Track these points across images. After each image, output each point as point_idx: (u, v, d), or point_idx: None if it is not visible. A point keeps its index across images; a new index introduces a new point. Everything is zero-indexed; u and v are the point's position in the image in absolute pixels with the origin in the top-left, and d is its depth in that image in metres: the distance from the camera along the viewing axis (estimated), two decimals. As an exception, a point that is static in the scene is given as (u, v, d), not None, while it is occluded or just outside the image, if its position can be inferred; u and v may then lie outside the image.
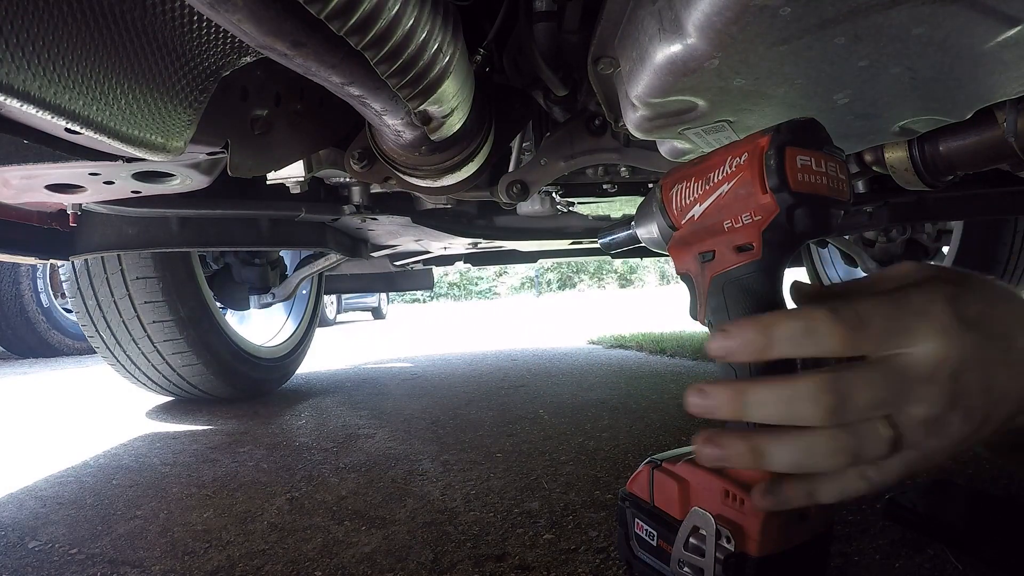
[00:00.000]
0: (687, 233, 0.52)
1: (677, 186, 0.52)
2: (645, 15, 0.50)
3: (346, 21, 0.43)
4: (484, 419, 1.68)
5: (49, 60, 0.45)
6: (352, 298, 8.99)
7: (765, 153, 0.44)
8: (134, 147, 0.57)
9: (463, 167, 0.88)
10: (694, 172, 0.50)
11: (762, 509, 0.44)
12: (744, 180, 0.46)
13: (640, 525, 0.53)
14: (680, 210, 0.52)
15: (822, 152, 0.45)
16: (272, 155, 0.81)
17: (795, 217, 0.44)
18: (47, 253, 1.22)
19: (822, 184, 0.44)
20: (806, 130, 0.45)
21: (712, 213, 0.49)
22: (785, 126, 0.45)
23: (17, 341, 4.34)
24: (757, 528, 0.43)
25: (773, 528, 0.44)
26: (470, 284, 28.84)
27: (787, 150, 0.43)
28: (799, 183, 0.43)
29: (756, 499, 0.44)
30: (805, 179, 0.43)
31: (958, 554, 0.72)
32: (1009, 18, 0.42)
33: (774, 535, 0.44)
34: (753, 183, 0.45)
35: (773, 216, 0.44)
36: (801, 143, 0.44)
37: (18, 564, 0.89)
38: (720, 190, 0.47)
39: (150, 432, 1.73)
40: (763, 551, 0.44)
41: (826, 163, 0.44)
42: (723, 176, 0.47)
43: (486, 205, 1.54)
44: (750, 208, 0.46)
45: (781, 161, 0.43)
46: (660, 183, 0.55)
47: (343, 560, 0.85)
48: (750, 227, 0.46)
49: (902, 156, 0.85)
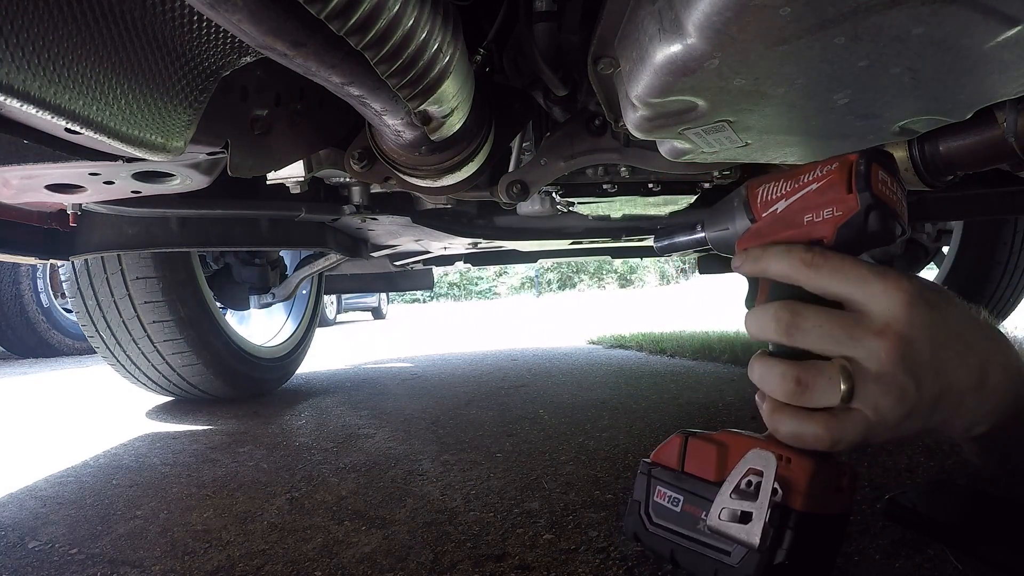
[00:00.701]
0: (765, 225, 0.56)
1: (765, 185, 0.57)
2: (645, 15, 0.50)
3: (346, 21, 0.43)
4: (484, 419, 1.68)
5: (49, 60, 0.45)
6: (352, 298, 8.99)
7: (856, 162, 0.51)
8: (134, 147, 0.57)
9: (463, 167, 0.88)
10: (784, 175, 0.56)
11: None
12: (833, 181, 0.52)
13: (662, 493, 0.55)
14: (764, 204, 0.56)
15: (895, 178, 0.53)
16: (272, 155, 0.81)
17: (870, 217, 0.50)
18: (47, 253, 1.22)
19: (894, 199, 0.51)
20: (886, 157, 0.53)
21: (796, 208, 0.54)
22: (871, 150, 0.53)
23: (17, 341, 4.34)
24: (805, 482, 0.47)
25: (818, 487, 0.48)
26: (470, 284, 28.83)
27: (873, 164, 0.50)
28: (879, 190, 0.50)
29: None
30: (883, 190, 0.50)
31: (958, 554, 0.72)
32: (1009, 18, 0.42)
33: (818, 494, 0.48)
34: (840, 184, 0.51)
35: (852, 213, 0.50)
36: (882, 164, 0.51)
37: (18, 564, 0.89)
38: (808, 188, 0.53)
39: (150, 432, 1.73)
40: (807, 507, 0.47)
41: (897, 187, 0.52)
42: (813, 177, 0.53)
43: (486, 205, 1.54)
44: (833, 204, 0.51)
45: (868, 169, 0.50)
46: (746, 184, 0.59)
47: (343, 560, 0.85)
48: (828, 222, 0.51)
49: (902, 156, 0.85)
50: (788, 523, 0.47)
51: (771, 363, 0.51)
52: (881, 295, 0.48)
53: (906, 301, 0.47)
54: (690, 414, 1.62)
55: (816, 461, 0.49)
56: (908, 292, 0.48)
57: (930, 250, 2.24)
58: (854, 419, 0.48)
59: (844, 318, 0.49)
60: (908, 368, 0.47)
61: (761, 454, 0.50)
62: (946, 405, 0.49)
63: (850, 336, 0.48)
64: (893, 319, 0.47)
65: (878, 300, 0.48)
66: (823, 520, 0.49)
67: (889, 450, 1.15)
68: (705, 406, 1.71)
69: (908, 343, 0.47)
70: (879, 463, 1.09)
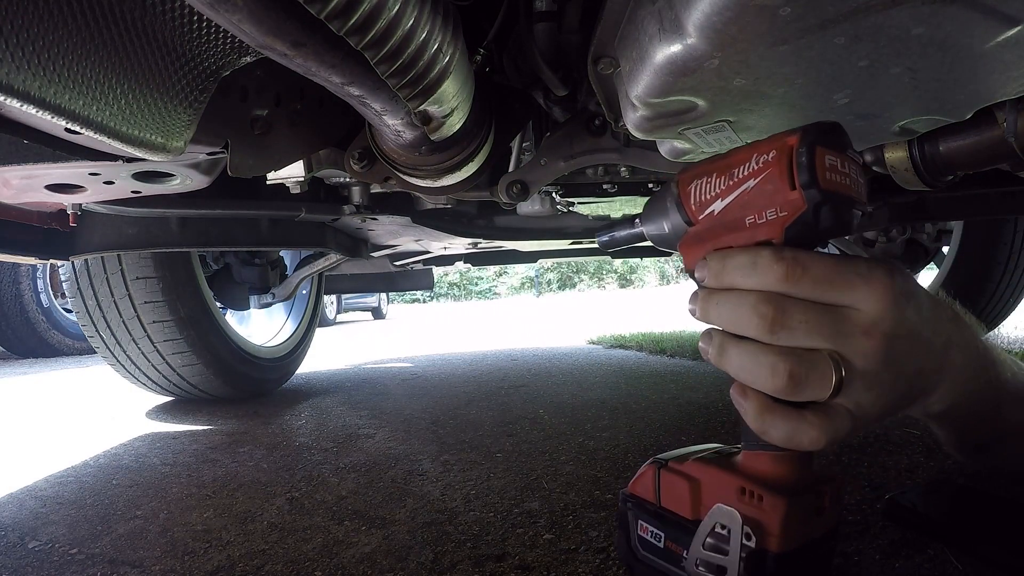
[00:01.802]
0: (704, 229, 0.51)
1: (696, 181, 0.51)
2: (645, 15, 0.50)
3: (346, 21, 0.43)
4: (484, 419, 1.68)
5: (49, 60, 0.45)
6: (352, 298, 8.99)
7: (796, 150, 0.44)
8: (134, 147, 0.57)
9: (463, 167, 0.88)
10: (715, 168, 0.50)
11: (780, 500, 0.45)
12: (772, 176, 0.45)
13: (644, 527, 0.53)
14: (699, 205, 0.51)
15: (846, 154, 0.45)
16: (272, 155, 0.81)
17: (821, 214, 0.44)
18: (47, 253, 1.22)
19: (846, 184, 0.45)
20: (831, 132, 0.46)
21: (735, 209, 0.48)
22: (812, 127, 0.45)
23: (17, 341, 4.34)
24: (778, 524, 0.44)
25: (793, 523, 0.44)
26: (470, 284, 28.83)
27: (817, 149, 0.44)
28: (827, 181, 0.44)
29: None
30: (832, 178, 0.44)
31: (958, 554, 0.72)
32: (1009, 18, 0.42)
33: (794, 530, 0.44)
34: (781, 179, 0.45)
35: (800, 212, 0.45)
36: (828, 144, 0.44)
37: (18, 564, 0.89)
38: (745, 185, 0.47)
39: (150, 432, 1.73)
40: (784, 547, 0.44)
41: (849, 165, 0.45)
42: (749, 172, 0.47)
43: (486, 205, 1.54)
44: (776, 204, 0.46)
45: (812, 158, 0.44)
46: (676, 178, 0.53)
47: (343, 560, 0.85)
48: (774, 223, 0.46)
49: (902, 156, 0.85)
50: (765, 568, 0.44)
51: (756, 353, 0.47)
52: (869, 297, 0.46)
53: (891, 300, 0.46)
54: (690, 414, 1.62)
55: (788, 499, 0.46)
56: (892, 291, 0.47)
57: (930, 250, 2.24)
58: (842, 416, 0.47)
59: (831, 314, 0.46)
60: (891, 365, 0.47)
61: (725, 511, 0.47)
62: (916, 390, 0.50)
63: (838, 332, 0.46)
64: (880, 319, 0.46)
65: (866, 301, 0.46)
66: (806, 547, 0.46)
67: (889, 450, 1.15)
68: (705, 406, 1.71)
69: (893, 341, 0.46)
70: (879, 463, 1.09)
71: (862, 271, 0.47)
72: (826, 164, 0.44)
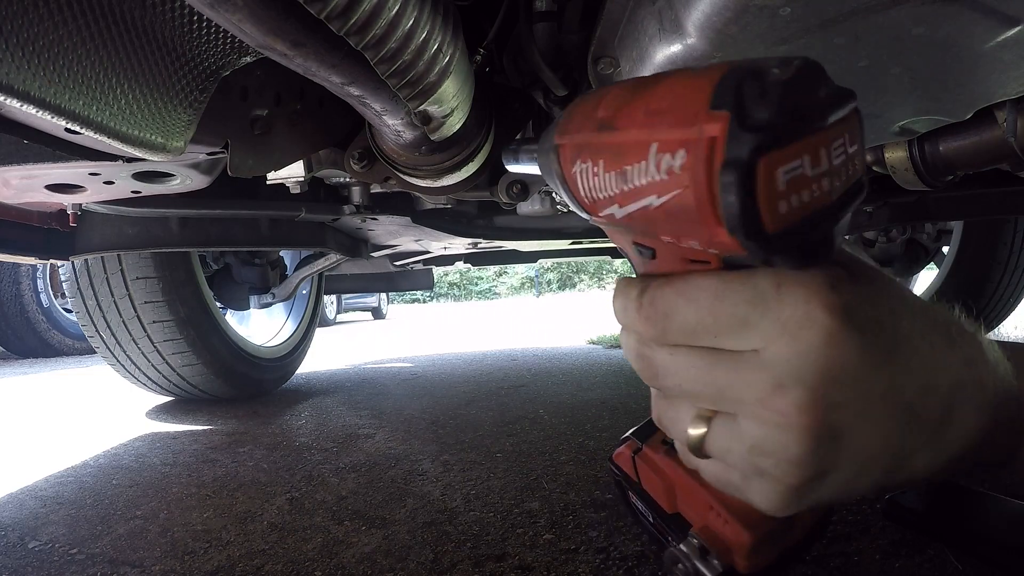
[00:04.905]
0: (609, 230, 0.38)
1: (581, 165, 0.33)
2: (645, 15, 0.50)
3: (346, 22, 0.43)
4: (484, 419, 1.68)
5: (49, 60, 0.45)
6: (352, 298, 8.99)
7: (721, 170, 0.25)
8: (134, 147, 0.57)
9: (463, 167, 0.88)
10: (604, 149, 0.31)
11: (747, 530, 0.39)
12: (685, 205, 0.27)
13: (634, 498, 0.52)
14: (592, 201, 0.34)
15: (826, 128, 0.26)
16: (272, 155, 0.81)
17: (775, 262, 0.28)
18: (47, 253, 1.22)
19: (822, 193, 0.26)
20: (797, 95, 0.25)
21: (640, 223, 0.31)
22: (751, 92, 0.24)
23: (17, 341, 4.34)
24: (746, 548, 0.39)
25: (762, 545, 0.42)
26: (470, 284, 28.83)
27: (761, 166, 0.24)
28: (781, 219, 0.25)
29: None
30: (794, 205, 0.25)
31: (958, 554, 0.72)
32: (1009, 18, 0.42)
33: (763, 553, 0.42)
34: (702, 215, 0.26)
35: (739, 254, 0.28)
36: (787, 135, 0.24)
37: (18, 564, 0.89)
38: (646, 202, 0.29)
39: (150, 432, 1.73)
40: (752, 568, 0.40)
41: (831, 147, 0.26)
42: (648, 182, 0.28)
43: (486, 205, 1.54)
44: (700, 239, 0.29)
45: (749, 192, 0.24)
46: (556, 143, 0.35)
47: (343, 560, 0.85)
48: (703, 253, 0.31)
49: (902, 156, 0.85)
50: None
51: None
52: (775, 337, 0.29)
53: (820, 337, 0.28)
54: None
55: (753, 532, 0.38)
56: (825, 326, 0.28)
57: (930, 250, 2.24)
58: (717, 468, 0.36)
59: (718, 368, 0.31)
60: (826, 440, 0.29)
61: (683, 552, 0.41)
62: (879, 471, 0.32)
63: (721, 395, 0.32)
64: (791, 371, 0.29)
65: (771, 342, 0.29)
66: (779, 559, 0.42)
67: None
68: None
69: (815, 411, 0.29)
70: (879, 463, 1.09)
71: (767, 296, 0.29)
72: (780, 186, 0.24)
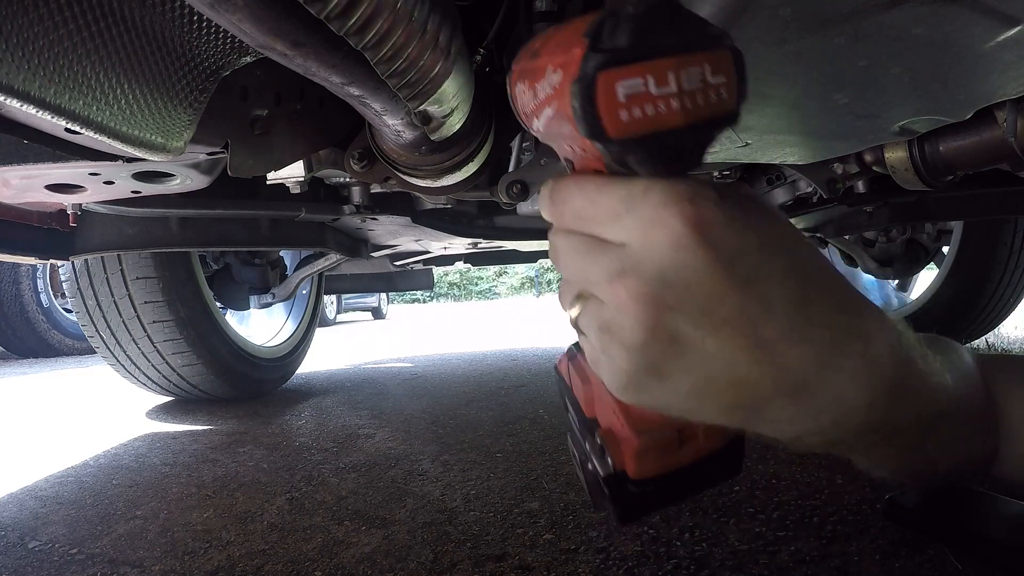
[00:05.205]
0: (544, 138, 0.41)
1: (520, 86, 0.38)
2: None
3: (346, 22, 0.43)
4: (484, 419, 1.68)
5: (49, 60, 0.45)
6: (352, 298, 8.98)
7: (572, 82, 0.30)
8: (134, 147, 0.57)
9: (463, 167, 0.88)
10: (529, 72, 0.36)
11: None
12: (559, 114, 0.32)
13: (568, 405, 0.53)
14: (525, 116, 0.39)
15: (671, 58, 0.29)
16: (272, 155, 0.81)
17: (630, 163, 0.32)
18: (47, 253, 1.22)
19: (668, 112, 0.29)
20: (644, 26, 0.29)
21: (549, 134, 0.37)
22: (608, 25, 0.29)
23: (17, 341, 4.33)
24: (634, 450, 0.42)
25: (649, 452, 0.42)
26: (470, 284, 28.83)
27: (600, 79, 0.29)
28: (623, 126, 0.29)
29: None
30: (633, 116, 0.29)
31: (958, 554, 0.72)
32: (1009, 18, 0.42)
33: (651, 459, 0.42)
34: (569, 121, 0.31)
35: (604, 160, 0.33)
36: (628, 56, 0.29)
37: (18, 564, 0.89)
38: (547, 112, 0.34)
39: (150, 432, 1.73)
40: (641, 474, 0.42)
41: (679, 74, 0.29)
42: (545, 95, 0.34)
43: (486, 205, 1.54)
44: (576, 143, 0.34)
45: (590, 100, 0.29)
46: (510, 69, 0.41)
47: (343, 560, 0.85)
48: (591, 160, 0.35)
49: (902, 156, 0.85)
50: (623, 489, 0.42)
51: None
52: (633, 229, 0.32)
53: (669, 234, 0.31)
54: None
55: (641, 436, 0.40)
56: (671, 229, 0.30)
57: (930, 250, 2.24)
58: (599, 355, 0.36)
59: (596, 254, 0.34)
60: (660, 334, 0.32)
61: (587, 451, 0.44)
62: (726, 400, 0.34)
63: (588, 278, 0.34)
64: (638, 262, 0.31)
65: (630, 235, 0.32)
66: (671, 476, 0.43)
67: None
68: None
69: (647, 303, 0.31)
70: (879, 463, 1.09)
71: (636, 195, 0.32)
72: (619, 99, 0.29)
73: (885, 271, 2.19)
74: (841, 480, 1.02)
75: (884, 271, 2.19)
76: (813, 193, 1.29)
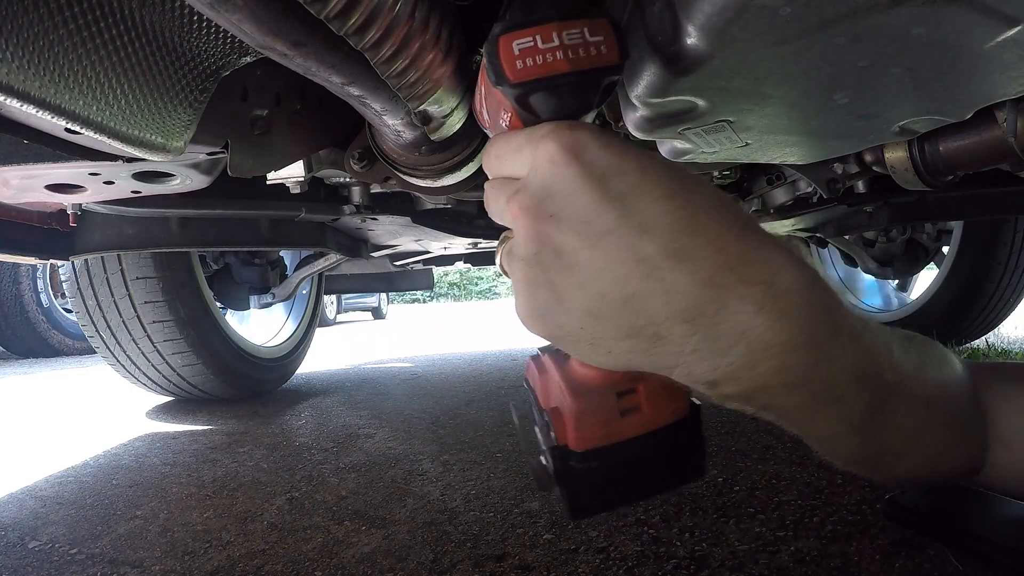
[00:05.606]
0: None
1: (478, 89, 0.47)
2: (645, 15, 0.50)
3: (346, 22, 0.43)
4: (484, 419, 1.68)
5: (49, 60, 0.45)
6: (352, 298, 8.99)
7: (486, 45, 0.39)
8: (134, 147, 0.57)
9: (463, 167, 0.88)
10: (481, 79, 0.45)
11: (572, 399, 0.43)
12: (487, 84, 0.42)
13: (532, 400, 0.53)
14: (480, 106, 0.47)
15: (553, 23, 0.38)
16: (272, 155, 0.81)
17: (532, 105, 0.39)
18: (47, 253, 1.22)
19: (555, 61, 0.38)
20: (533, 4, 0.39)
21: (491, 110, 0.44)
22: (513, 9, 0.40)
23: (17, 341, 4.34)
24: (572, 415, 0.43)
25: (588, 416, 0.43)
26: (470, 284, 28.82)
27: (500, 41, 0.38)
28: (519, 72, 0.38)
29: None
30: (527, 64, 0.38)
31: (958, 554, 0.72)
32: (1009, 18, 0.42)
33: (591, 425, 0.44)
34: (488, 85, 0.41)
35: (514, 111, 0.40)
36: (520, 25, 0.38)
37: (18, 564, 0.89)
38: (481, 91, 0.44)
39: (150, 432, 1.73)
40: (582, 445, 0.44)
41: (560, 34, 0.38)
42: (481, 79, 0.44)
43: (486, 205, 1.54)
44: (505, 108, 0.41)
45: (494, 54, 0.38)
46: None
47: (343, 560, 0.85)
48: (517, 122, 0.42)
49: (902, 156, 0.85)
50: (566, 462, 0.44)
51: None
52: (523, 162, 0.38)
53: (545, 159, 0.35)
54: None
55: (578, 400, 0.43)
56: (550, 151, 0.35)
57: (930, 250, 2.24)
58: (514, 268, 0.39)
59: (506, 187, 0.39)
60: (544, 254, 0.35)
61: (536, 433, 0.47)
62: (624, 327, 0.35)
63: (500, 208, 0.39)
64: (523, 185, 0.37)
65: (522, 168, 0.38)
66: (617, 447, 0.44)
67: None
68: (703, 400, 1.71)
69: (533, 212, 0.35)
70: (879, 463, 1.09)
71: (534, 134, 0.37)
72: (514, 52, 0.38)
73: (885, 271, 2.19)
74: (841, 480, 1.02)
75: (884, 271, 2.19)
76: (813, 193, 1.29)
